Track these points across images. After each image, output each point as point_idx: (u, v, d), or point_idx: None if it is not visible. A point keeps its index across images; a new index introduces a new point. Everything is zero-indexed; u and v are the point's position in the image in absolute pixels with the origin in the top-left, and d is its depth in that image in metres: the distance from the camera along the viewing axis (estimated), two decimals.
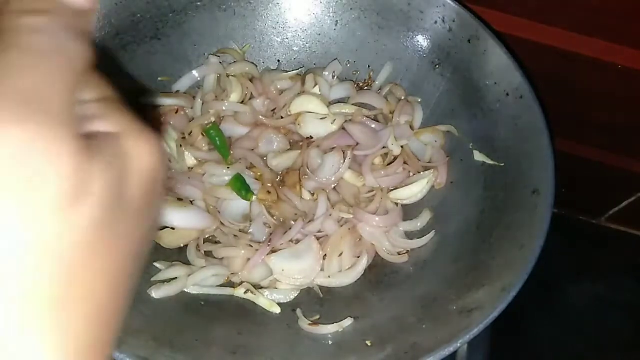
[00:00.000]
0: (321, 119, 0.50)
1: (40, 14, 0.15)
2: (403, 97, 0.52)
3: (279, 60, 0.55)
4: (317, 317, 0.42)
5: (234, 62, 0.52)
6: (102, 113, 0.17)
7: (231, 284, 0.44)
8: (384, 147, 0.48)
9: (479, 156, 0.46)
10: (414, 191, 0.48)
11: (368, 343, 0.39)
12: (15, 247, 0.13)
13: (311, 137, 0.50)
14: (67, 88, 0.15)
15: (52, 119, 0.14)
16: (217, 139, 0.48)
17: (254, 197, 0.47)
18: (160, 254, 0.44)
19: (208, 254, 0.45)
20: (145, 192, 0.17)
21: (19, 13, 0.15)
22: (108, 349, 0.16)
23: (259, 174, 0.48)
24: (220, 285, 0.44)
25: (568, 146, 0.59)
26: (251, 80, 0.52)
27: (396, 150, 0.49)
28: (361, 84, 0.54)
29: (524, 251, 0.38)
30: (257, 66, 0.53)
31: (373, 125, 0.49)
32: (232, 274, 0.44)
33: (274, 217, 0.47)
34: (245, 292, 0.43)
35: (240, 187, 0.46)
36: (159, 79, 0.51)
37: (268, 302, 0.43)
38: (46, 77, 0.14)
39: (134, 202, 0.17)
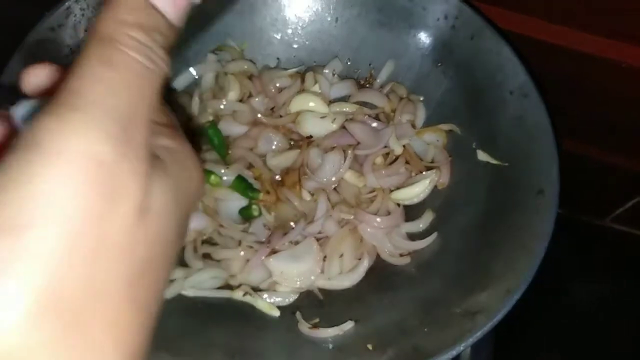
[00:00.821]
0: (321, 117, 0.49)
1: (144, 31, 0.16)
2: (405, 96, 0.51)
3: (278, 58, 0.54)
4: (317, 320, 0.41)
5: (232, 59, 0.52)
6: (165, 132, 0.18)
7: (229, 287, 0.44)
8: (385, 147, 0.48)
9: (482, 156, 0.46)
10: (416, 191, 0.47)
11: (369, 346, 0.39)
12: (101, 253, 0.14)
13: (311, 136, 0.49)
14: (151, 109, 0.16)
15: (137, 140, 0.15)
16: (215, 138, 0.48)
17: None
18: None
19: (206, 256, 0.45)
20: (189, 211, 0.19)
21: (126, 25, 0.16)
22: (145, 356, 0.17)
23: (257, 173, 0.48)
24: (219, 288, 0.43)
25: (573, 146, 0.58)
26: (250, 78, 0.51)
27: (398, 150, 0.48)
28: (362, 82, 0.54)
29: (528, 253, 0.38)
30: (255, 64, 0.53)
31: (374, 124, 0.49)
32: (231, 276, 0.44)
33: (273, 218, 0.46)
34: (244, 295, 0.42)
35: (245, 187, 0.45)
36: None
37: (267, 304, 0.42)
38: (139, 97, 0.15)
39: (185, 218, 0.18)
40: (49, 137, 0.14)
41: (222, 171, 0.46)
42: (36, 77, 0.20)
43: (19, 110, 0.18)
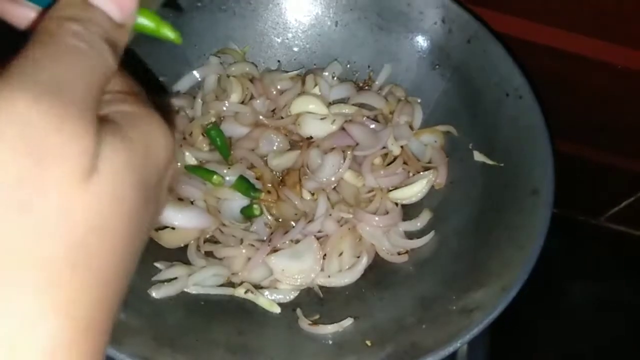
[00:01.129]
0: (321, 119, 0.50)
1: (79, 22, 0.17)
2: (403, 98, 0.52)
3: (279, 61, 0.55)
4: (317, 316, 0.42)
5: (234, 62, 0.53)
6: (123, 100, 0.19)
7: (231, 284, 0.44)
8: (383, 148, 0.49)
9: (478, 156, 0.46)
10: (414, 191, 0.48)
11: (368, 343, 0.39)
12: (29, 213, 0.14)
13: (311, 137, 0.50)
14: (92, 82, 0.17)
15: (75, 104, 0.15)
16: (217, 139, 0.49)
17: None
18: (160, 253, 0.45)
19: (208, 254, 0.46)
20: (158, 179, 0.18)
21: (62, 19, 0.17)
22: (105, 335, 0.16)
23: (259, 174, 0.49)
24: (221, 285, 0.44)
25: (567, 146, 0.59)
26: (251, 81, 0.52)
27: (396, 151, 0.49)
28: (361, 85, 0.54)
29: (524, 251, 0.38)
30: (257, 66, 0.54)
31: (373, 126, 0.49)
32: (233, 273, 0.44)
33: (274, 217, 0.47)
34: (246, 292, 0.43)
35: (247, 187, 0.46)
36: (160, 78, 0.51)
37: (268, 302, 0.43)
38: (76, 71, 0.16)
39: (148, 186, 0.18)
40: None
41: (225, 171, 0.47)
42: None
43: None
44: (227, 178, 0.47)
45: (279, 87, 0.52)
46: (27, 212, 0.14)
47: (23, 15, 0.20)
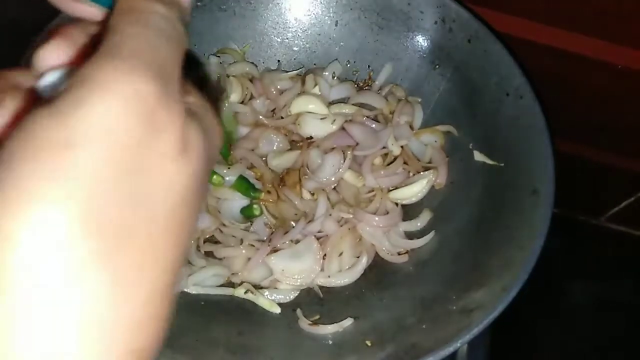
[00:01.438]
0: (321, 119, 0.50)
1: (163, 3, 0.18)
2: (403, 97, 0.52)
3: (278, 61, 0.55)
4: (317, 317, 0.42)
5: (234, 62, 0.53)
6: (190, 91, 0.20)
7: (231, 284, 0.44)
8: (383, 147, 0.49)
9: (478, 156, 0.46)
10: (414, 191, 0.48)
11: (368, 343, 0.39)
12: (137, 178, 0.15)
13: (311, 137, 0.50)
14: (180, 65, 0.18)
15: (171, 83, 0.17)
16: None
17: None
18: None
19: (208, 254, 0.45)
20: (212, 163, 0.20)
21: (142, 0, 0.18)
22: (170, 303, 0.18)
23: (259, 174, 0.49)
24: (221, 285, 0.44)
25: (568, 146, 0.59)
26: (251, 81, 0.52)
27: (396, 151, 0.49)
28: (361, 84, 0.54)
29: (524, 251, 0.38)
30: (257, 66, 0.54)
31: (373, 126, 0.49)
32: (233, 274, 0.44)
33: (274, 217, 0.47)
34: (246, 292, 0.43)
35: (247, 187, 0.46)
36: None
37: (268, 302, 0.43)
38: (169, 54, 0.17)
39: (208, 169, 0.19)
40: (97, 74, 0.15)
41: (225, 171, 0.47)
42: (54, 51, 0.20)
43: (45, 80, 0.18)
44: (227, 178, 0.47)
45: (278, 87, 0.52)
46: (135, 176, 0.15)
47: (84, 9, 0.21)
